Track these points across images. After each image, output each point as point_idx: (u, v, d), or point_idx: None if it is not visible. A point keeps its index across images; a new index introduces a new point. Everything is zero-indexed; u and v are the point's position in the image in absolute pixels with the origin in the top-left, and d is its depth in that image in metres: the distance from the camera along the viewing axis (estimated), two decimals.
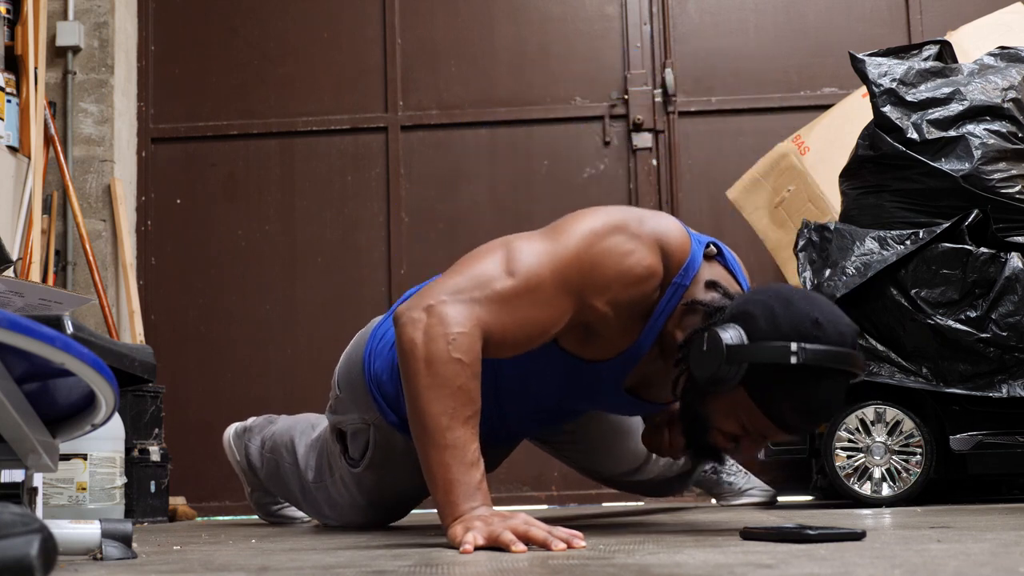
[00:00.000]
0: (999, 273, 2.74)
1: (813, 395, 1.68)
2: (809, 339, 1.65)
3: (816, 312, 1.68)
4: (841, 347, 1.67)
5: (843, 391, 1.71)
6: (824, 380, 1.67)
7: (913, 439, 2.84)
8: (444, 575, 1.26)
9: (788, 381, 1.67)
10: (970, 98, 2.86)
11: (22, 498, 1.58)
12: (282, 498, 2.78)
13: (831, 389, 1.68)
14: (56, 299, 2.59)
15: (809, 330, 1.66)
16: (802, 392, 1.68)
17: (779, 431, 1.74)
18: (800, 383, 1.67)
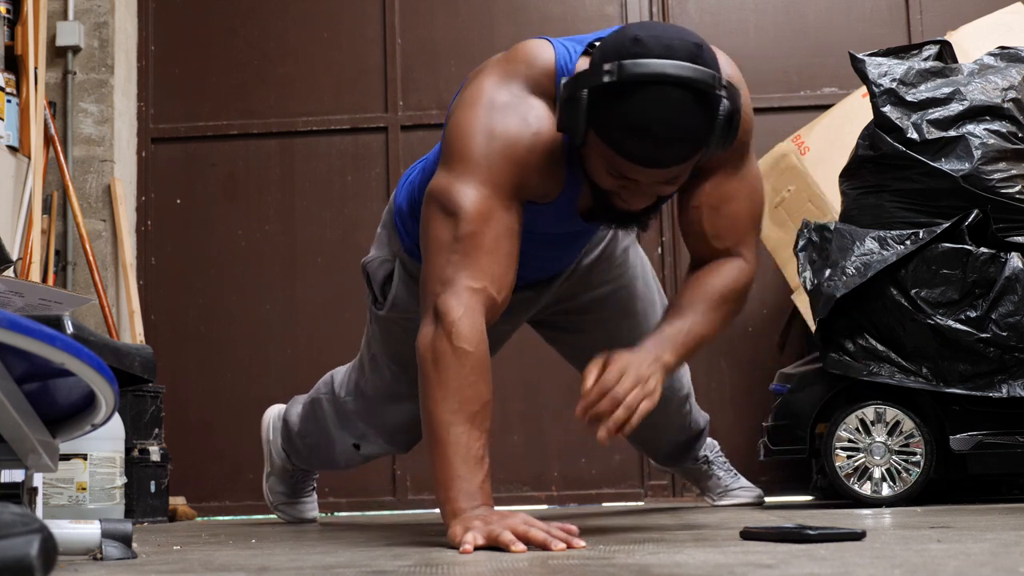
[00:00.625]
0: (999, 273, 2.74)
1: (635, 109, 1.62)
2: (626, 56, 1.63)
3: (642, 31, 1.66)
4: (662, 58, 1.61)
5: (676, 103, 1.62)
6: (641, 92, 1.62)
7: (913, 439, 2.84)
8: (444, 575, 1.26)
9: (610, 102, 1.64)
10: (970, 98, 2.86)
11: (22, 498, 1.58)
12: (314, 460, 2.78)
13: (655, 100, 1.62)
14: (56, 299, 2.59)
15: (628, 48, 1.64)
16: (624, 108, 1.63)
17: (627, 162, 1.69)
18: (619, 100, 1.63)
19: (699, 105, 1.64)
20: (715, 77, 1.64)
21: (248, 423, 4.06)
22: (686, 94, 1.62)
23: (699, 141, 1.68)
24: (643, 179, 1.73)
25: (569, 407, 4.21)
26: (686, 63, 1.62)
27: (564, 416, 4.00)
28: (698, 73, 1.62)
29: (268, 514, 3.97)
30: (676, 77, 1.61)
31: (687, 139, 1.66)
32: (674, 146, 1.66)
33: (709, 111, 1.65)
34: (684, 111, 1.63)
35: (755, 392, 3.79)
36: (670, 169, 1.70)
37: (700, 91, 1.63)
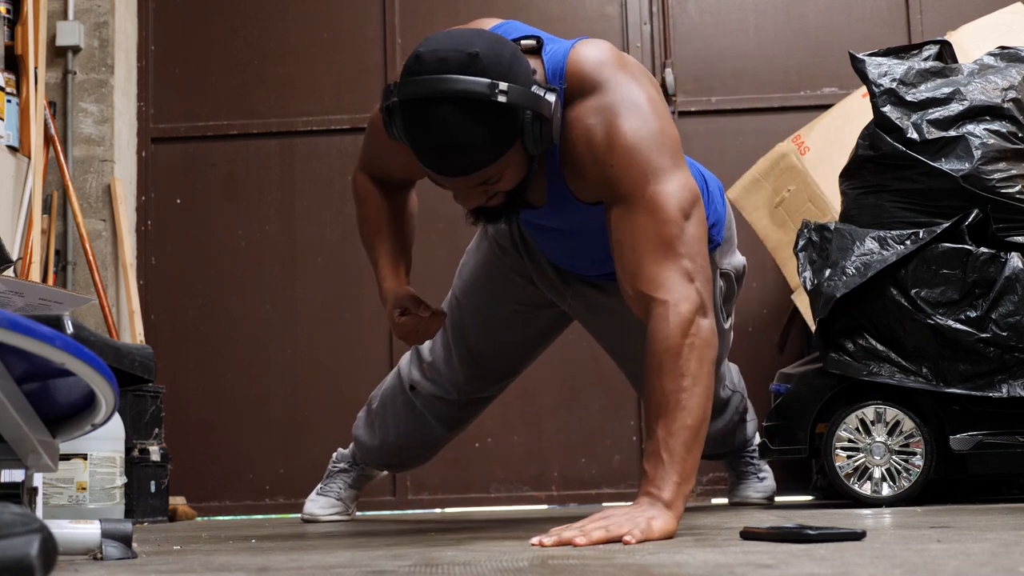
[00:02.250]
0: (999, 273, 2.74)
1: (416, 127, 1.73)
2: (407, 74, 1.73)
3: (425, 46, 1.75)
4: (435, 74, 1.69)
5: (448, 118, 1.69)
6: (416, 110, 1.71)
7: (913, 439, 2.84)
8: (444, 575, 1.26)
9: (400, 120, 1.75)
10: (970, 98, 2.86)
11: (22, 498, 1.58)
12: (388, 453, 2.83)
13: (429, 118, 1.70)
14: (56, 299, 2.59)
15: (410, 66, 1.74)
16: (409, 126, 1.74)
17: (428, 169, 1.80)
18: (404, 118, 1.74)
19: (474, 115, 1.69)
20: (490, 85, 1.69)
21: (248, 423, 4.07)
22: (456, 108, 1.69)
23: (486, 146, 1.73)
24: (454, 185, 1.82)
25: (569, 407, 4.23)
26: (456, 76, 1.69)
27: (564, 416, 4.00)
28: (467, 84, 1.68)
29: (268, 514, 3.97)
30: (444, 93, 1.69)
31: (469, 149, 1.73)
32: (459, 157, 1.73)
33: (489, 118, 1.70)
34: (457, 124, 1.70)
35: (755, 392, 3.79)
36: (471, 176, 1.77)
37: (472, 102, 1.69)
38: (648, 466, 1.74)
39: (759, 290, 4.02)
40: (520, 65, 1.76)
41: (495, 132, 1.72)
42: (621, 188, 1.84)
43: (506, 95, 1.70)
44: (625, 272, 1.86)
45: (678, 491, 1.72)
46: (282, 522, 3.12)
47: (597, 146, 1.85)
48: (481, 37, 1.77)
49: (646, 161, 1.83)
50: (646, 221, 1.83)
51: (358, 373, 4.05)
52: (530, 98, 1.73)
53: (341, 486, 2.96)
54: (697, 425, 1.75)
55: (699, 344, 1.77)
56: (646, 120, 1.85)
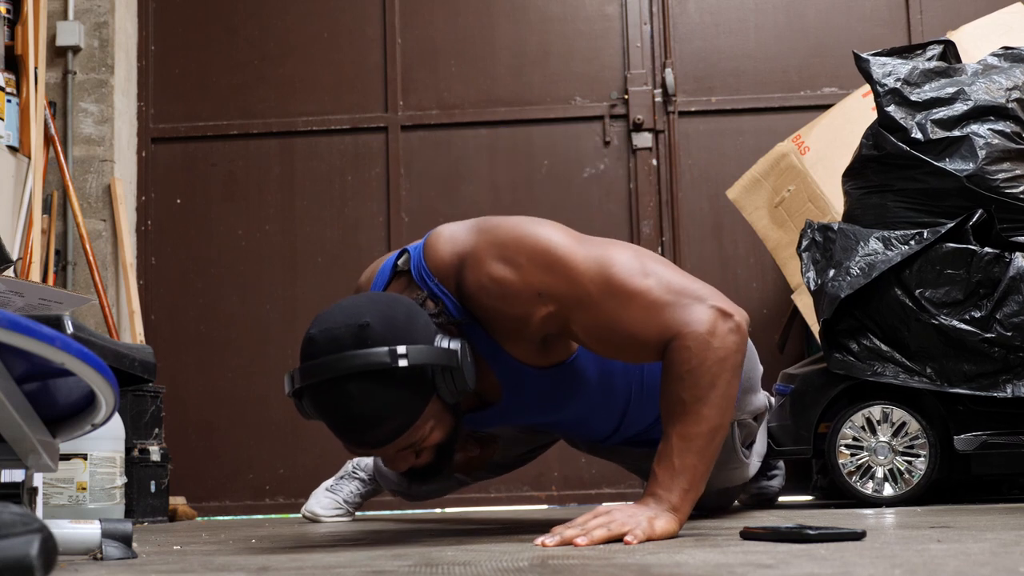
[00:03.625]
0: (1003, 273, 2.74)
1: (321, 411, 1.70)
2: (305, 358, 1.70)
3: (315, 326, 1.72)
4: (330, 354, 1.66)
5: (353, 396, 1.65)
6: (317, 394, 1.69)
7: (918, 440, 2.83)
8: (444, 575, 1.26)
9: (310, 404, 1.72)
10: (974, 98, 2.86)
11: (22, 498, 1.58)
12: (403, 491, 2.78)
13: (333, 400, 1.67)
14: (56, 299, 2.59)
15: (305, 349, 1.72)
16: (314, 411, 1.72)
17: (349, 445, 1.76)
18: (309, 403, 1.72)
19: (379, 387, 1.65)
20: (389, 352, 1.64)
21: (248, 423, 4.06)
22: (359, 383, 1.65)
23: (399, 414, 1.68)
24: (379, 454, 1.77)
25: None
26: (351, 352, 1.64)
27: None
28: (365, 358, 1.64)
29: (268, 514, 3.97)
30: (343, 371, 1.64)
31: (382, 420, 1.67)
32: (374, 430, 1.68)
33: (396, 385, 1.66)
34: (364, 399, 1.65)
35: None
36: (395, 442, 1.71)
37: (373, 373, 1.64)
38: (658, 468, 1.73)
39: (759, 290, 4.02)
40: (416, 321, 1.71)
41: (404, 397, 1.67)
42: (566, 303, 1.78)
43: (406, 358, 1.64)
44: (636, 354, 1.83)
45: (685, 496, 1.72)
46: (282, 522, 3.12)
47: (511, 288, 1.77)
48: (372, 304, 1.71)
49: (566, 264, 1.77)
50: (616, 308, 1.77)
51: None
52: (433, 354, 1.67)
53: (353, 491, 2.95)
54: (712, 433, 1.74)
55: (724, 354, 1.74)
56: (530, 234, 1.79)
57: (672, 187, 4.05)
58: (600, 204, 4.08)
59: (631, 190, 4.08)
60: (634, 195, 4.07)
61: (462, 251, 1.82)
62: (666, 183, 4.06)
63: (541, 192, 4.11)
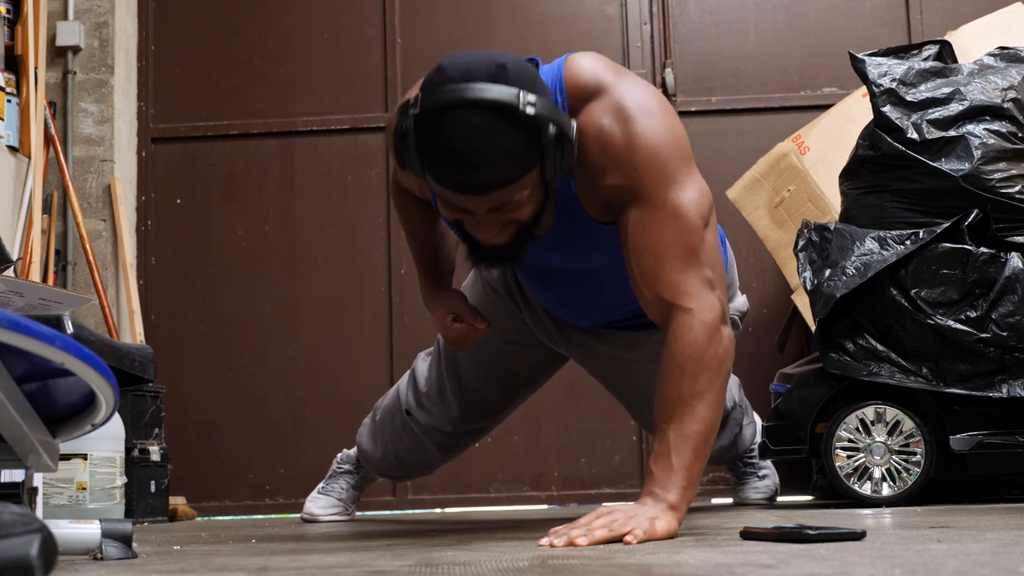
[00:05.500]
0: (999, 273, 2.74)
1: (438, 137, 1.64)
2: (431, 87, 1.64)
3: (448, 59, 1.67)
4: (460, 83, 1.62)
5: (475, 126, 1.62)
6: (440, 119, 1.63)
7: (913, 439, 2.84)
8: (444, 575, 1.26)
9: (419, 133, 1.66)
10: (970, 98, 2.86)
11: (22, 498, 1.58)
12: (389, 466, 2.84)
13: (453, 126, 1.62)
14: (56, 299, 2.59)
15: (432, 77, 1.66)
16: (430, 138, 1.65)
17: (448, 191, 1.70)
18: (425, 130, 1.65)
19: (502, 125, 1.62)
20: (518, 95, 1.62)
21: (248, 423, 4.07)
22: (485, 115, 1.62)
23: (511, 161, 1.65)
24: (471, 207, 1.73)
25: (569, 407, 4.23)
26: (483, 84, 1.62)
27: (564, 416, 4.00)
28: (496, 93, 1.62)
29: (268, 514, 3.97)
30: (472, 100, 1.61)
31: (495, 161, 1.64)
32: (483, 169, 1.65)
33: (516, 129, 1.63)
34: (485, 133, 1.62)
35: (755, 392, 3.79)
36: (492, 195, 1.68)
37: (500, 110, 1.62)
38: (655, 467, 1.74)
39: (759, 290, 4.02)
40: (542, 83, 1.72)
41: (521, 146, 1.64)
42: (642, 192, 1.80)
43: (534, 107, 1.63)
44: (644, 277, 1.83)
45: (683, 495, 1.72)
46: (282, 522, 3.12)
47: (616, 147, 1.79)
48: (507, 55, 1.70)
49: (666, 165, 1.80)
50: (669, 228, 1.79)
51: (358, 373, 4.05)
52: (555, 114, 1.66)
53: (343, 487, 2.96)
54: (708, 432, 1.75)
55: (721, 353, 1.77)
56: (661, 122, 1.82)
57: None
58: None
59: None
60: None
61: (602, 85, 1.83)
62: None
63: None
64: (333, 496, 2.95)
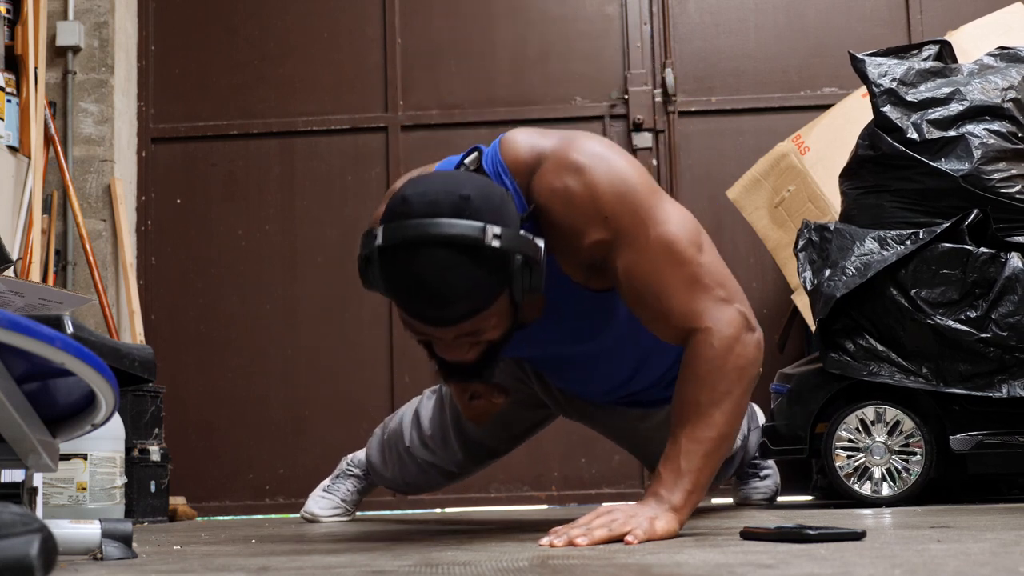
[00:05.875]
0: (999, 273, 2.74)
1: (404, 272, 1.62)
2: (396, 218, 1.63)
3: (411, 188, 1.65)
4: (425, 217, 1.60)
5: (440, 263, 1.60)
6: (406, 255, 1.61)
7: (913, 439, 2.84)
8: (444, 575, 1.26)
9: (384, 264, 1.65)
10: (970, 98, 2.86)
11: (22, 498, 1.58)
12: (396, 484, 2.84)
13: (420, 263, 1.61)
14: (56, 299, 2.59)
15: (396, 208, 1.64)
16: (396, 271, 1.64)
17: (411, 318, 1.69)
18: (391, 263, 1.63)
19: (468, 260, 1.61)
20: (483, 229, 1.60)
21: (248, 423, 4.07)
22: (450, 252, 1.60)
23: (478, 293, 1.63)
24: (439, 335, 1.71)
25: None
26: (448, 220, 1.60)
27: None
28: (461, 229, 1.59)
29: (268, 514, 3.97)
30: (437, 237, 1.59)
31: (462, 296, 1.62)
32: (449, 305, 1.63)
33: (482, 263, 1.61)
34: (451, 269, 1.61)
35: (755, 392, 3.80)
36: (460, 325, 1.67)
37: (466, 246, 1.60)
38: (664, 469, 1.74)
39: (759, 290, 4.02)
40: (509, 208, 1.68)
41: (487, 278, 1.63)
42: (622, 238, 1.77)
43: (499, 239, 1.61)
44: (656, 320, 1.81)
45: (688, 499, 1.72)
46: (282, 522, 3.12)
47: (580, 203, 1.76)
48: (471, 179, 1.68)
49: (637, 203, 1.77)
50: (663, 264, 1.77)
51: (358, 373, 4.05)
52: (523, 243, 1.64)
53: (349, 490, 2.96)
54: (722, 439, 1.74)
55: (742, 362, 1.76)
56: (614, 164, 1.79)
57: (672, 187, 4.05)
58: None
59: None
60: None
61: (542, 152, 1.81)
62: (666, 183, 4.06)
63: None
64: (337, 497, 2.95)
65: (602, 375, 2.22)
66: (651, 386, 2.25)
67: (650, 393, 2.27)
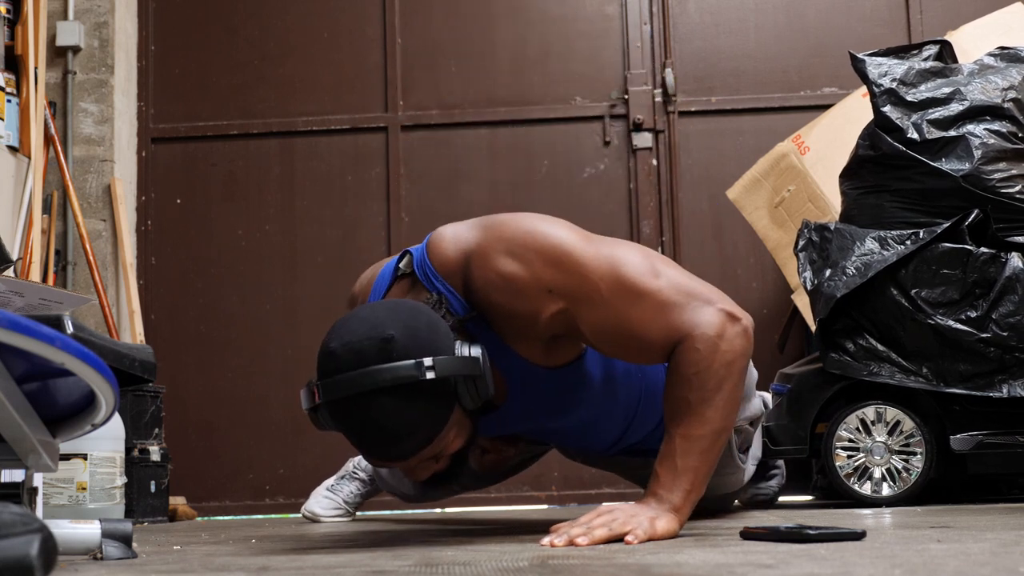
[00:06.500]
0: (999, 273, 2.74)
1: (347, 426, 1.65)
2: (327, 375, 1.65)
3: (335, 340, 1.66)
4: (354, 369, 1.61)
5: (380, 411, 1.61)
6: (344, 410, 1.64)
7: (913, 439, 2.84)
8: (444, 575, 1.26)
9: (332, 419, 1.67)
10: (970, 98, 2.86)
11: (22, 498, 1.58)
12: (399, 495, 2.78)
13: (359, 416, 1.62)
14: (56, 299, 2.59)
15: (325, 364, 1.66)
16: (340, 425, 1.67)
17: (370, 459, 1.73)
18: (333, 417, 1.67)
19: (408, 400, 1.61)
20: (416, 366, 1.60)
21: (248, 423, 4.07)
22: (389, 398, 1.60)
23: (427, 424, 1.64)
24: (400, 466, 1.74)
25: None
26: (377, 367, 1.60)
27: None
28: (393, 373, 1.59)
29: (268, 514, 3.97)
30: (370, 386, 1.60)
31: (410, 432, 1.63)
32: (401, 443, 1.65)
33: (423, 397, 1.62)
34: (393, 414, 1.61)
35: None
36: (412, 459, 1.69)
37: (402, 389, 1.60)
38: (660, 469, 1.74)
39: (759, 290, 4.02)
40: (438, 330, 1.67)
41: (431, 409, 1.64)
42: (577, 300, 1.76)
43: (434, 370, 1.61)
44: (640, 354, 1.81)
45: (687, 497, 1.73)
46: (282, 522, 3.12)
47: (521, 284, 1.75)
48: (394, 314, 1.67)
49: (576, 262, 1.75)
50: (626, 308, 1.75)
51: None
52: (458, 364, 1.64)
53: (353, 492, 2.95)
54: (716, 435, 1.74)
55: (731, 357, 1.75)
56: (539, 231, 1.77)
57: (672, 187, 4.06)
58: (600, 204, 4.09)
59: (631, 190, 4.08)
60: (634, 195, 4.07)
61: (467, 248, 1.80)
62: (666, 183, 4.06)
63: (541, 192, 4.11)
64: (340, 498, 2.95)
65: (594, 437, 2.22)
66: (648, 436, 2.23)
67: (648, 442, 2.25)
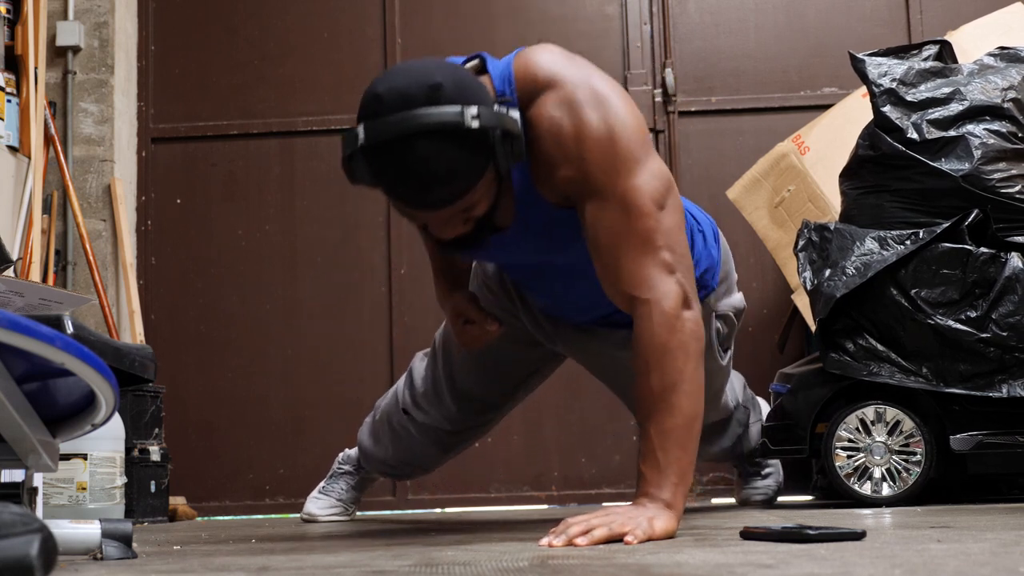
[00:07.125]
0: (999, 273, 2.74)
1: (387, 165, 1.68)
2: (371, 117, 1.67)
3: (383, 85, 1.69)
4: (400, 111, 1.64)
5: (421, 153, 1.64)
6: (387, 149, 1.66)
7: (913, 439, 2.84)
8: (444, 575, 1.26)
9: (367, 160, 1.69)
10: (970, 98, 2.86)
11: (22, 498, 1.58)
12: (389, 465, 2.83)
13: (401, 155, 1.66)
14: (56, 299, 2.59)
15: (370, 107, 1.68)
16: (379, 165, 1.69)
17: (404, 207, 1.75)
18: (373, 158, 1.68)
19: (449, 145, 1.65)
20: (461, 112, 1.65)
21: (248, 423, 4.07)
22: (430, 140, 1.64)
23: (464, 174, 1.68)
24: (431, 218, 1.77)
25: (569, 407, 4.22)
26: (423, 110, 1.64)
27: (564, 416, 4.00)
28: (438, 116, 1.64)
29: (268, 514, 3.97)
30: (415, 129, 1.64)
31: (448, 180, 1.67)
32: (438, 190, 1.68)
33: (464, 145, 1.66)
34: (434, 157, 1.65)
35: (755, 392, 3.79)
36: (445, 209, 1.72)
37: (445, 132, 1.64)
38: (644, 467, 1.75)
39: (759, 290, 4.02)
40: (481, 87, 1.73)
41: (472, 158, 1.68)
42: (592, 183, 1.82)
43: (478, 119, 1.66)
44: (606, 270, 1.86)
45: (677, 491, 1.73)
46: (282, 522, 3.13)
47: (566, 139, 1.81)
48: (439, 67, 1.72)
49: (615, 154, 1.81)
50: (621, 217, 1.82)
51: (358, 373, 4.05)
52: (498, 117, 1.69)
53: (344, 487, 2.97)
54: (689, 422, 1.76)
55: (686, 339, 1.78)
56: (610, 109, 1.83)
57: None
58: None
59: None
60: None
61: (559, 78, 1.84)
62: None
63: None
64: (333, 496, 2.96)
65: (578, 292, 2.22)
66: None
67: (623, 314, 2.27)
